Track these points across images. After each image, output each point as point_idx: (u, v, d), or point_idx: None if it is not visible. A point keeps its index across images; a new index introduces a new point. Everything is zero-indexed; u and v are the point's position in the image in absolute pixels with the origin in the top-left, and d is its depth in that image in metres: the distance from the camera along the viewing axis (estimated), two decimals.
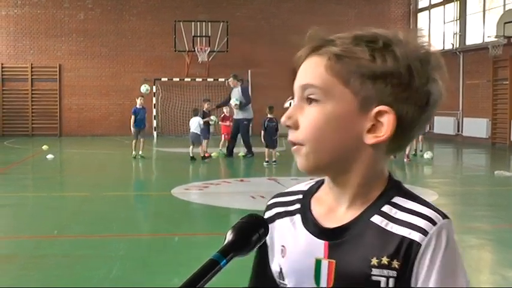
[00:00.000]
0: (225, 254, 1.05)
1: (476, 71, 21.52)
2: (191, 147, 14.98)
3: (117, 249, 6.40)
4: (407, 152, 15.16)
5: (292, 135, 1.17)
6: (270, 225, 1.26)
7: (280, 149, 15.92)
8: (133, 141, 15.36)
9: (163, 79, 24.51)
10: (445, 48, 23.52)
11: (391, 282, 1.12)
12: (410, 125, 1.15)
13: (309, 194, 1.27)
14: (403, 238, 1.12)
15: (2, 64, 23.98)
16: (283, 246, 1.24)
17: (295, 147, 1.18)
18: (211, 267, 1.02)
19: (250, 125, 16.66)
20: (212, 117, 15.95)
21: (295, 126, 1.17)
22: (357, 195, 1.18)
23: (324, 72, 1.15)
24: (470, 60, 22.00)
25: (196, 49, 23.57)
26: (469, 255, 6.40)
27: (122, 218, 8.30)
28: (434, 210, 1.15)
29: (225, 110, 17.00)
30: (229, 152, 15.91)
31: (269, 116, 14.42)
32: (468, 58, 22.13)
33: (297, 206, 1.26)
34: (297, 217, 1.24)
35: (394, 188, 1.19)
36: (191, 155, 14.90)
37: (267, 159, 14.09)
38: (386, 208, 1.16)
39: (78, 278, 5.38)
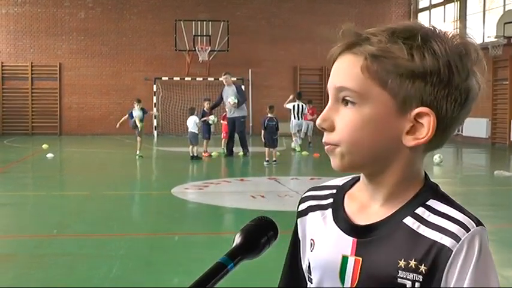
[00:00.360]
0: (233, 257, 1.03)
1: None
2: (191, 147, 14.91)
3: (118, 248, 6.40)
4: None
5: (328, 137, 1.14)
6: (302, 218, 1.28)
7: (281, 149, 15.94)
8: (138, 140, 15.33)
9: (163, 78, 24.52)
10: None
11: (417, 286, 1.09)
12: (450, 123, 1.12)
13: (343, 189, 1.25)
14: (434, 242, 1.09)
15: (2, 63, 23.99)
16: (312, 239, 1.23)
17: (328, 146, 1.15)
18: (218, 270, 1.01)
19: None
20: (211, 117, 15.88)
21: (331, 129, 1.13)
22: (392, 194, 1.15)
23: (360, 73, 1.10)
24: None
25: (196, 48, 23.58)
26: None
27: (122, 217, 8.30)
28: (469, 216, 1.11)
29: (227, 108, 16.88)
30: (230, 151, 15.88)
31: (269, 115, 14.41)
32: None
33: (330, 200, 1.24)
34: (329, 212, 1.23)
35: (430, 190, 1.16)
36: (191, 154, 14.87)
37: (267, 158, 14.09)
38: (420, 210, 1.13)
39: (79, 277, 5.39)
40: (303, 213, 1.28)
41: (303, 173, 13.82)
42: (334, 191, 1.25)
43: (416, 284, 1.09)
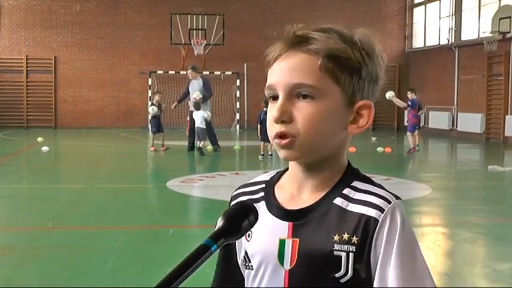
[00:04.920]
0: (216, 239, 1.09)
1: (471, 66, 21.58)
2: (198, 142, 14.66)
3: (113, 240, 6.44)
4: (412, 145, 15.25)
5: (287, 129, 1.23)
6: None
7: None
8: None
9: (159, 72, 24.50)
10: (441, 43, 23.58)
11: (351, 256, 1.21)
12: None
13: (271, 183, 1.36)
14: (362, 215, 1.22)
15: None
16: (250, 231, 1.30)
17: (286, 140, 1.23)
18: (202, 252, 1.06)
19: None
20: (151, 108, 15.37)
21: (290, 120, 1.23)
22: (322, 181, 1.28)
23: (317, 71, 1.22)
24: (465, 56, 22.05)
25: (192, 42, 23.55)
26: (461, 248, 6.47)
27: (117, 210, 8.33)
28: (389, 192, 1.26)
29: (190, 103, 16.67)
30: (191, 146, 15.21)
31: (265, 109, 14.43)
32: (463, 53, 22.19)
33: (261, 194, 1.35)
34: (262, 203, 1.33)
35: (353, 174, 1.30)
36: (199, 145, 14.64)
37: (262, 152, 14.13)
38: (346, 191, 1.26)
39: (74, 269, 5.42)
40: None
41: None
42: (263, 185, 1.36)
43: (350, 254, 1.21)
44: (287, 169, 1.35)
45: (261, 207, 1.31)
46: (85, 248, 6.15)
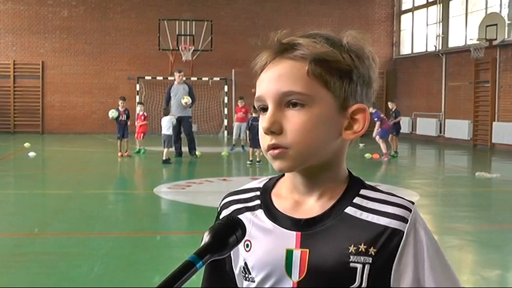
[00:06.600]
0: (202, 255, 1.04)
1: (459, 73, 21.70)
2: (165, 150, 14.22)
3: (99, 247, 6.38)
4: (385, 151, 15.34)
5: (278, 140, 1.16)
6: None
7: None
8: None
9: (146, 77, 24.43)
10: (428, 50, 23.70)
11: (367, 268, 1.16)
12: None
13: (266, 190, 1.29)
14: (385, 227, 1.18)
15: None
16: (248, 240, 1.24)
17: (278, 150, 1.16)
18: (187, 269, 1.01)
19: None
20: (110, 112, 15.39)
21: (280, 131, 1.16)
22: (327, 189, 1.23)
23: (306, 77, 1.16)
24: (452, 62, 22.17)
25: (180, 48, 23.52)
26: (449, 255, 6.42)
27: (104, 216, 8.27)
28: (402, 198, 1.22)
29: (138, 108, 16.64)
30: (179, 152, 15.13)
31: (254, 115, 14.41)
32: (451, 60, 22.30)
33: (257, 202, 1.27)
34: (259, 212, 1.26)
35: (357, 183, 1.25)
36: (164, 157, 14.12)
37: (250, 158, 14.09)
38: (357, 200, 1.21)
39: (60, 277, 5.36)
40: None
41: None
42: (258, 192, 1.29)
43: (366, 266, 1.17)
44: (282, 175, 1.28)
45: (259, 215, 1.25)
46: (71, 255, 6.08)
